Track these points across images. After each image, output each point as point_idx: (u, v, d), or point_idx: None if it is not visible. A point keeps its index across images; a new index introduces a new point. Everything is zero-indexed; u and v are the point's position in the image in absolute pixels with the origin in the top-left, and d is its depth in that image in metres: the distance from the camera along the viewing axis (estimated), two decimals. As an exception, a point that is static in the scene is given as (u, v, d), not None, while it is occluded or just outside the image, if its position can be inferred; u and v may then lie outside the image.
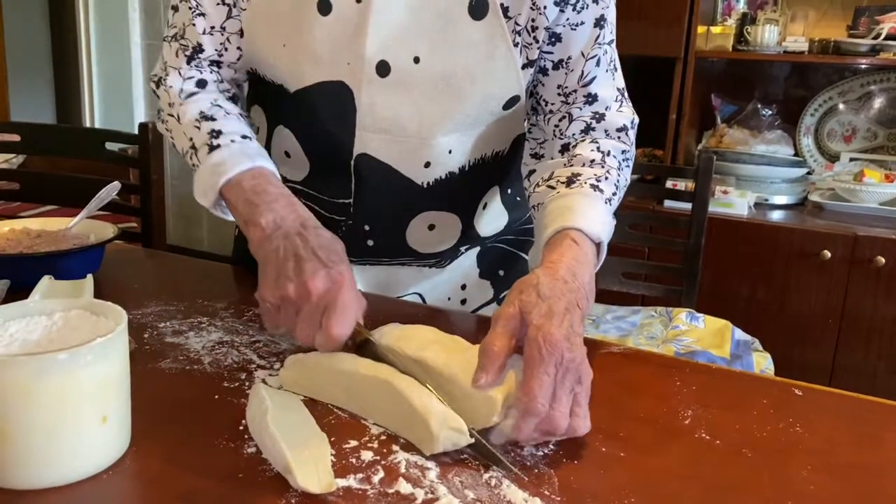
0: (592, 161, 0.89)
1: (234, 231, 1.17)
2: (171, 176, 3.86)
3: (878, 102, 2.66)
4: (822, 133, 2.74)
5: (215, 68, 0.98)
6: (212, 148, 0.87)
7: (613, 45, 0.96)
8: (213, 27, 0.94)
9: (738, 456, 0.64)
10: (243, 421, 0.65)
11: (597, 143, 0.91)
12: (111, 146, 1.78)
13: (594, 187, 0.85)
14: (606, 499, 0.57)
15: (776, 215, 2.43)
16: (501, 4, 0.88)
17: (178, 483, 0.57)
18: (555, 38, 0.92)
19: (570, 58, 0.93)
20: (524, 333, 0.66)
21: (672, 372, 0.80)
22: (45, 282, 0.84)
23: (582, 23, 0.91)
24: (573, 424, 0.63)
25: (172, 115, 0.94)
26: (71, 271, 0.91)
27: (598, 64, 0.93)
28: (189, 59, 0.96)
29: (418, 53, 0.88)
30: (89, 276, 0.87)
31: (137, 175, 1.73)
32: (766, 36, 2.53)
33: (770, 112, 2.76)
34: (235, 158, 0.85)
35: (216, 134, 0.88)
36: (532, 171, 0.96)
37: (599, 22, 0.92)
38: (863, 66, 2.61)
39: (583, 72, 0.93)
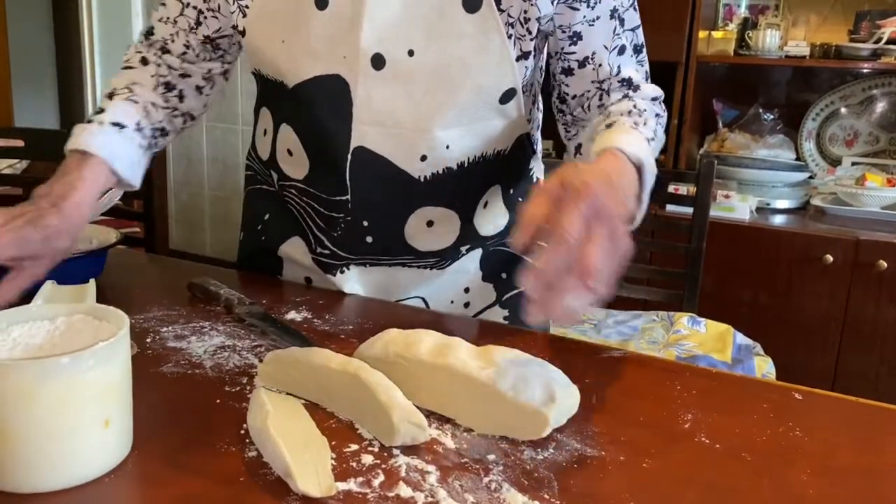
0: (629, 112, 0.92)
1: (239, 236, 1.18)
2: (173, 181, 3.87)
3: (879, 106, 2.66)
4: (823, 137, 2.74)
5: (160, 53, 1.06)
6: (88, 121, 0.96)
7: (638, 29, 0.99)
8: (168, 17, 1.04)
9: (737, 460, 0.64)
10: (244, 425, 0.65)
11: (633, 101, 0.95)
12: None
13: (633, 127, 0.87)
14: (606, 502, 0.57)
15: (778, 219, 2.43)
16: None
17: (180, 487, 0.57)
18: (576, 36, 0.95)
19: (594, 53, 0.96)
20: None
21: (672, 376, 0.80)
22: (48, 286, 0.84)
23: (598, 17, 0.94)
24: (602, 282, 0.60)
25: (115, 77, 1.06)
26: (73, 276, 0.91)
27: (621, 52, 0.97)
28: (146, 36, 1.08)
29: (413, 46, 0.89)
30: (92, 281, 0.88)
31: (140, 180, 1.74)
32: (768, 40, 2.54)
33: (772, 116, 2.77)
34: (79, 137, 0.92)
35: (99, 111, 0.97)
36: (578, 146, 1.00)
37: (614, 13, 0.95)
38: (864, 71, 2.61)
39: (610, 64, 0.96)
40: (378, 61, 0.90)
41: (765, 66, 2.69)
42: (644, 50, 1.01)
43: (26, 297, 0.81)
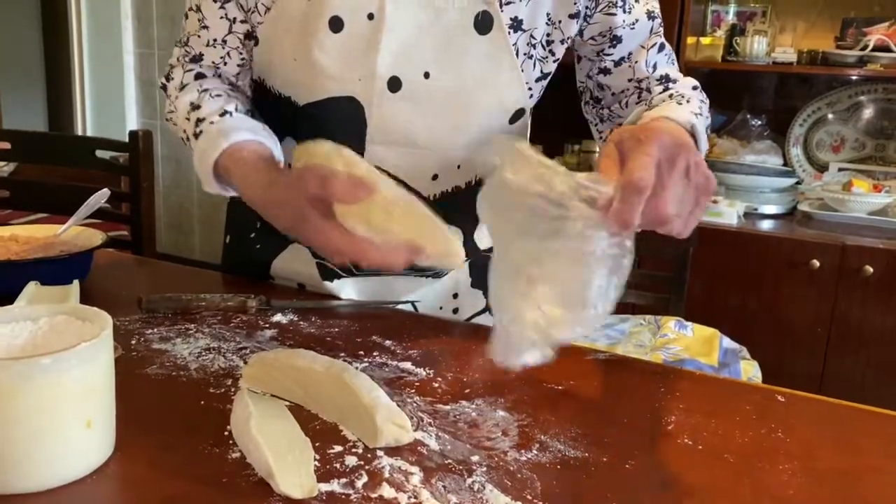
0: (671, 96, 0.91)
1: (224, 239, 1.17)
2: (162, 184, 3.86)
3: (866, 113, 2.68)
4: (810, 143, 2.76)
5: (215, 71, 1.01)
6: (197, 136, 0.91)
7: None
8: (214, 40, 0.98)
9: (719, 461, 0.64)
10: (228, 427, 0.65)
11: (673, 89, 0.94)
12: (102, 154, 1.78)
13: (678, 104, 0.87)
14: (588, 503, 0.57)
15: (765, 224, 2.44)
16: (516, 17, 0.90)
17: (162, 488, 0.57)
18: (615, 40, 0.97)
19: (630, 53, 0.98)
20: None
21: (656, 378, 0.81)
22: (31, 287, 0.84)
23: (636, 21, 0.96)
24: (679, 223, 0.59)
25: (174, 110, 0.98)
26: (58, 278, 0.91)
27: (659, 50, 0.99)
28: (192, 61, 1.01)
29: (428, 69, 0.90)
30: (75, 282, 0.88)
31: (128, 183, 1.73)
32: (755, 47, 2.56)
33: (759, 122, 2.78)
34: (213, 141, 0.88)
35: (199, 121, 0.92)
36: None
37: (651, 14, 0.98)
38: (851, 77, 2.63)
39: (647, 61, 0.98)
40: (394, 84, 0.91)
41: (752, 72, 2.70)
42: (669, 46, 1.03)
43: (8, 298, 0.81)
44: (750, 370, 1.61)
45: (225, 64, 0.99)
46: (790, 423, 0.71)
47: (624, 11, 0.95)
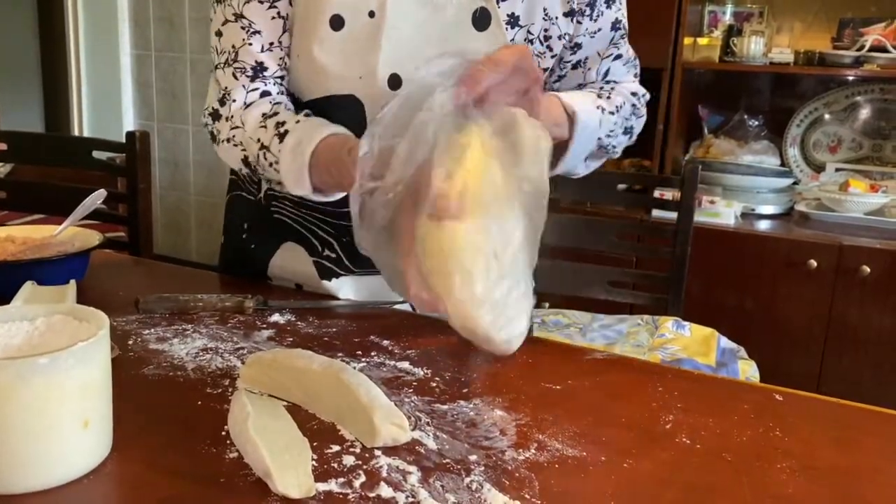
0: (601, 89, 0.97)
1: (221, 239, 1.17)
2: (159, 185, 3.86)
3: (862, 113, 2.69)
4: (807, 143, 2.76)
5: (280, 82, 0.96)
6: (282, 137, 0.87)
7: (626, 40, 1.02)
8: (271, 43, 0.93)
9: (718, 460, 0.64)
10: (225, 427, 0.65)
11: (606, 88, 0.99)
12: (99, 155, 1.78)
13: (588, 93, 0.93)
14: (586, 502, 0.57)
15: (763, 225, 2.44)
16: (513, 14, 0.90)
17: (159, 488, 0.57)
18: (576, 46, 0.98)
19: (587, 58, 0.99)
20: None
21: (654, 378, 0.80)
22: (28, 287, 0.84)
23: (599, 29, 0.97)
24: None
25: (238, 126, 0.92)
26: (55, 279, 0.91)
27: (615, 59, 1.00)
28: (252, 79, 0.94)
29: None
30: (72, 282, 0.88)
31: (125, 184, 1.73)
32: (752, 47, 2.56)
33: (756, 123, 2.79)
34: (309, 132, 0.85)
35: (282, 123, 0.88)
36: None
37: (615, 25, 0.98)
38: (848, 78, 2.63)
39: (598, 69, 1.00)
40: (395, 81, 0.91)
41: (749, 72, 2.71)
42: (636, 63, 1.05)
43: (5, 299, 0.80)
44: (748, 370, 1.61)
45: (286, 66, 0.94)
46: (788, 422, 0.71)
47: (591, 20, 0.96)
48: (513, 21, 0.91)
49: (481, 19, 0.90)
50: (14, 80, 4.56)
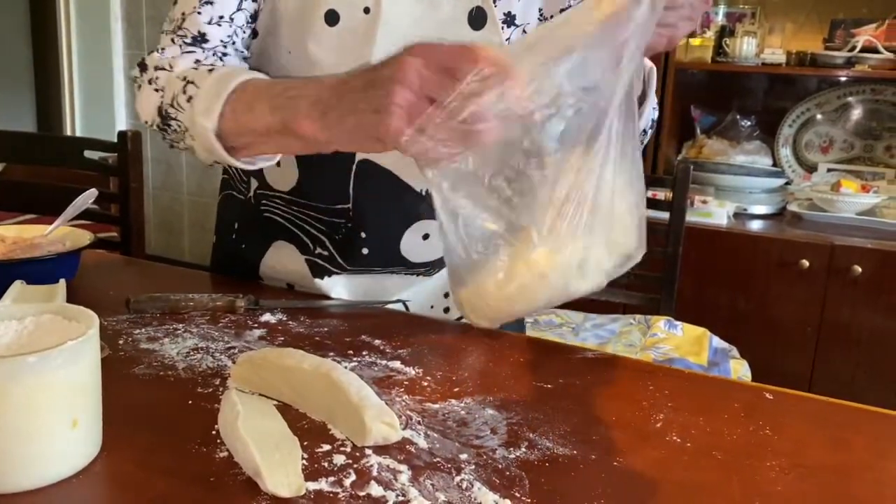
0: None
1: (213, 239, 1.17)
2: (151, 185, 3.84)
3: (854, 114, 2.70)
4: (800, 144, 2.77)
5: (219, 57, 0.92)
6: (212, 70, 0.82)
7: None
8: (220, 17, 0.90)
9: (708, 458, 0.65)
10: (216, 426, 0.65)
11: None
12: (91, 155, 1.77)
13: None
14: (577, 500, 0.57)
15: (755, 225, 2.45)
16: (509, 13, 0.90)
17: (149, 487, 0.57)
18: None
19: None
20: None
21: (645, 376, 0.81)
22: (17, 286, 0.84)
23: None
24: None
25: (163, 69, 0.87)
26: (45, 278, 0.91)
27: None
28: (190, 45, 0.90)
29: None
30: (62, 281, 0.87)
31: (117, 184, 1.72)
32: (745, 48, 2.57)
33: (749, 123, 2.79)
34: (248, 71, 0.81)
35: (217, 66, 0.84)
36: None
37: None
38: (840, 78, 2.64)
39: None
40: None
41: (742, 73, 2.72)
42: None
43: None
44: (740, 370, 1.62)
45: (233, 43, 0.91)
46: (779, 421, 0.72)
47: None
48: (509, 20, 0.91)
49: (477, 18, 0.90)
50: (6, 80, 4.54)
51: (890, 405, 0.77)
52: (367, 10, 0.88)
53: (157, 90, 0.88)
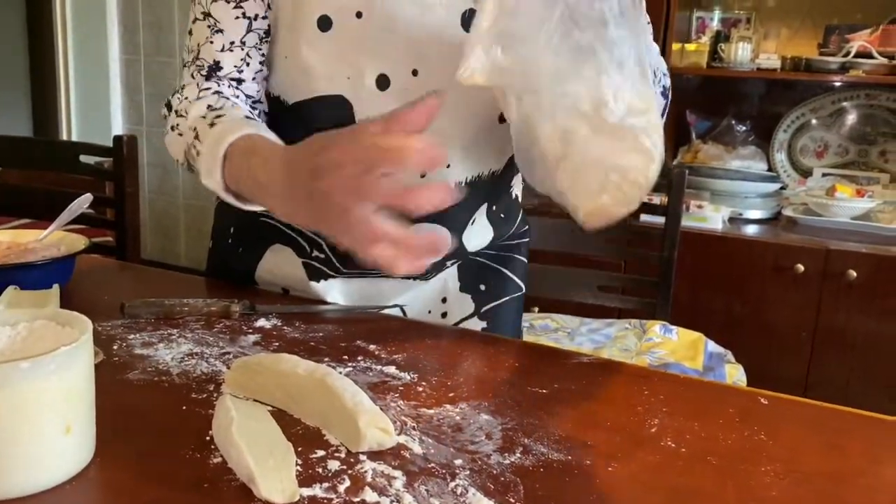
0: None
1: (209, 244, 1.17)
2: (147, 190, 3.84)
3: (849, 119, 2.71)
4: (795, 148, 2.78)
5: (235, 84, 0.95)
6: (213, 125, 0.85)
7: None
8: (232, 42, 0.93)
9: (702, 463, 0.65)
10: (210, 432, 0.64)
11: None
12: (87, 159, 1.77)
13: None
14: (571, 506, 0.57)
15: (750, 229, 2.45)
16: None
17: (142, 493, 0.57)
18: None
19: None
20: None
21: (640, 381, 0.81)
22: (10, 292, 0.83)
23: None
24: None
25: (182, 116, 0.91)
26: (40, 284, 0.90)
27: None
28: (207, 78, 0.94)
29: (417, 66, 0.90)
30: (55, 287, 0.87)
31: (113, 189, 1.72)
32: (740, 53, 2.57)
33: (744, 128, 2.80)
34: (238, 125, 0.82)
35: (220, 117, 0.86)
36: None
37: None
38: (834, 84, 2.65)
39: None
40: (383, 82, 0.91)
41: (737, 78, 2.72)
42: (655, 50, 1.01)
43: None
44: (735, 374, 1.62)
45: (247, 65, 0.94)
46: (774, 426, 0.72)
47: None
48: None
49: (470, 19, 0.90)
50: (2, 84, 4.53)
51: (884, 409, 0.77)
52: (359, 15, 0.88)
53: (179, 135, 0.91)
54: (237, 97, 0.95)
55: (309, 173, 0.66)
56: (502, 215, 1.09)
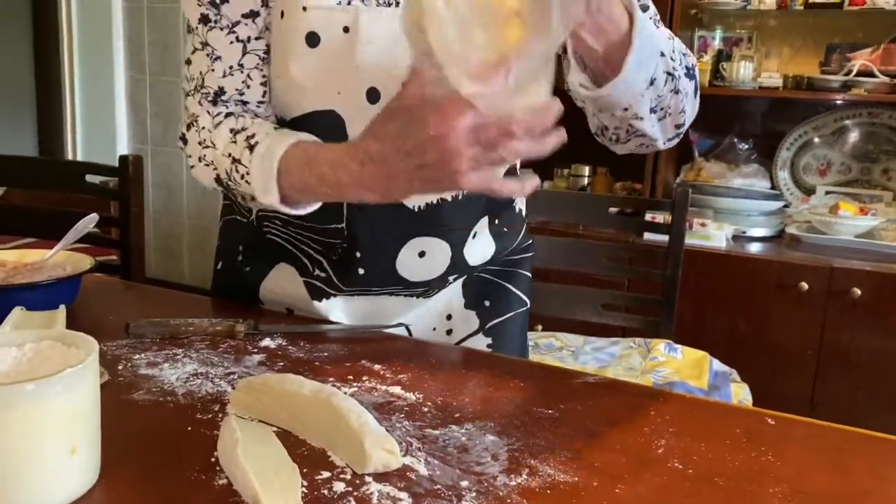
0: None
1: (216, 265, 1.17)
2: (152, 209, 3.85)
3: (851, 137, 2.71)
4: (797, 166, 2.79)
5: (241, 104, 0.97)
6: (252, 147, 0.88)
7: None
8: (231, 67, 0.95)
9: (710, 484, 0.64)
10: (215, 453, 0.64)
11: None
12: (92, 179, 1.78)
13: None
14: (578, 528, 0.57)
15: (754, 247, 2.45)
16: None
17: (147, 515, 0.56)
18: None
19: None
20: None
21: (646, 402, 0.80)
22: (17, 312, 0.84)
23: None
24: None
25: (209, 146, 0.94)
26: (46, 303, 0.91)
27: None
28: (214, 103, 0.96)
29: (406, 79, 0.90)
30: (62, 307, 0.87)
31: (118, 208, 1.73)
32: (742, 72, 2.59)
33: (746, 146, 2.81)
34: (279, 138, 0.86)
35: (252, 136, 0.90)
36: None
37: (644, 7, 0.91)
38: (836, 102, 2.66)
39: None
40: (373, 95, 0.91)
41: (739, 96, 2.73)
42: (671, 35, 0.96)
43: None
44: (741, 393, 1.61)
45: (248, 87, 0.96)
46: (780, 447, 0.71)
47: None
48: None
49: None
50: (7, 103, 4.56)
51: (890, 428, 0.77)
52: (346, 30, 0.89)
53: (207, 166, 0.95)
54: (244, 114, 0.97)
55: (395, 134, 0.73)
56: (505, 229, 1.09)
